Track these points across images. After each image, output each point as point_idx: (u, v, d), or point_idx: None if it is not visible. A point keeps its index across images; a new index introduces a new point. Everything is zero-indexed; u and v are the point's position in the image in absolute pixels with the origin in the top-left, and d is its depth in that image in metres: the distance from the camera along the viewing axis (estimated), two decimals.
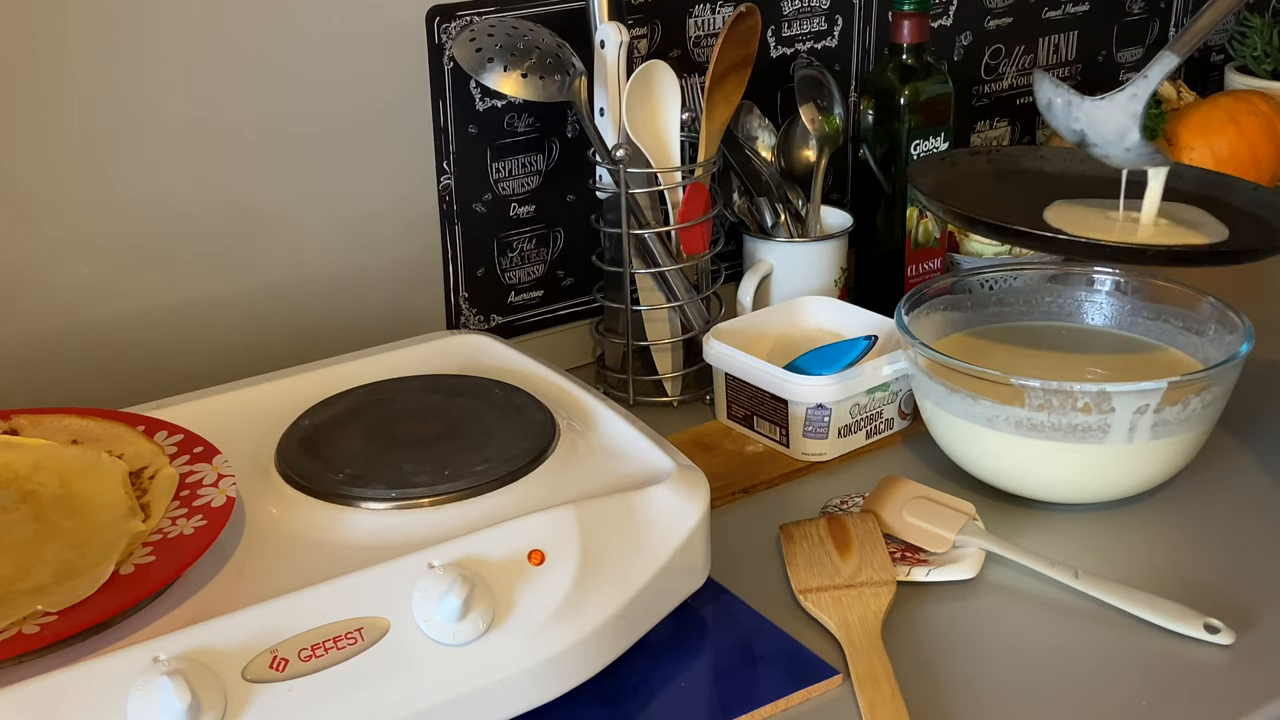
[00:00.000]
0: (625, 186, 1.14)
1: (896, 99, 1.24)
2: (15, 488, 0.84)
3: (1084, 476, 1.01)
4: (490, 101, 1.17)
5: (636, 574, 0.82)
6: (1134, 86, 1.08)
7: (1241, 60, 1.64)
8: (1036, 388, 0.97)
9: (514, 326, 1.24)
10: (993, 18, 1.47)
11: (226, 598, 0.76)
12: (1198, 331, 1.10)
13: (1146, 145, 1.09)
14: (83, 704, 0.69)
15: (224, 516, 0.79)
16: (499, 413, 0.93)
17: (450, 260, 1.19)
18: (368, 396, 0.96)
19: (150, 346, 1.08)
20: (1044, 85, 1.12)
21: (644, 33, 1.23)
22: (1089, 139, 1.11)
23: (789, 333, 1.21)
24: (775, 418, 1.10)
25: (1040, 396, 0.98)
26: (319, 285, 1.14)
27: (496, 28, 1.10)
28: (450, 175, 1.17)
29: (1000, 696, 0.84)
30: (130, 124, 1.03)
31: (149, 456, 0.85)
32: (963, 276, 1.16)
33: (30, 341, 1.03)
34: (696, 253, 1.19)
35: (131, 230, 1.05)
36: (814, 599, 0.91)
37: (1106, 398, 0.96)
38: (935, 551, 0.96)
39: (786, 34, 1.32)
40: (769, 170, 1.26)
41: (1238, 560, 0.97)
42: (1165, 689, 0.85)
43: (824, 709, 0.83)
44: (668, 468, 0.88)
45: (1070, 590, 0.93)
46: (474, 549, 0.79)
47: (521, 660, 0.77)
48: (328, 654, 0.74)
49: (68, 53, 0.99)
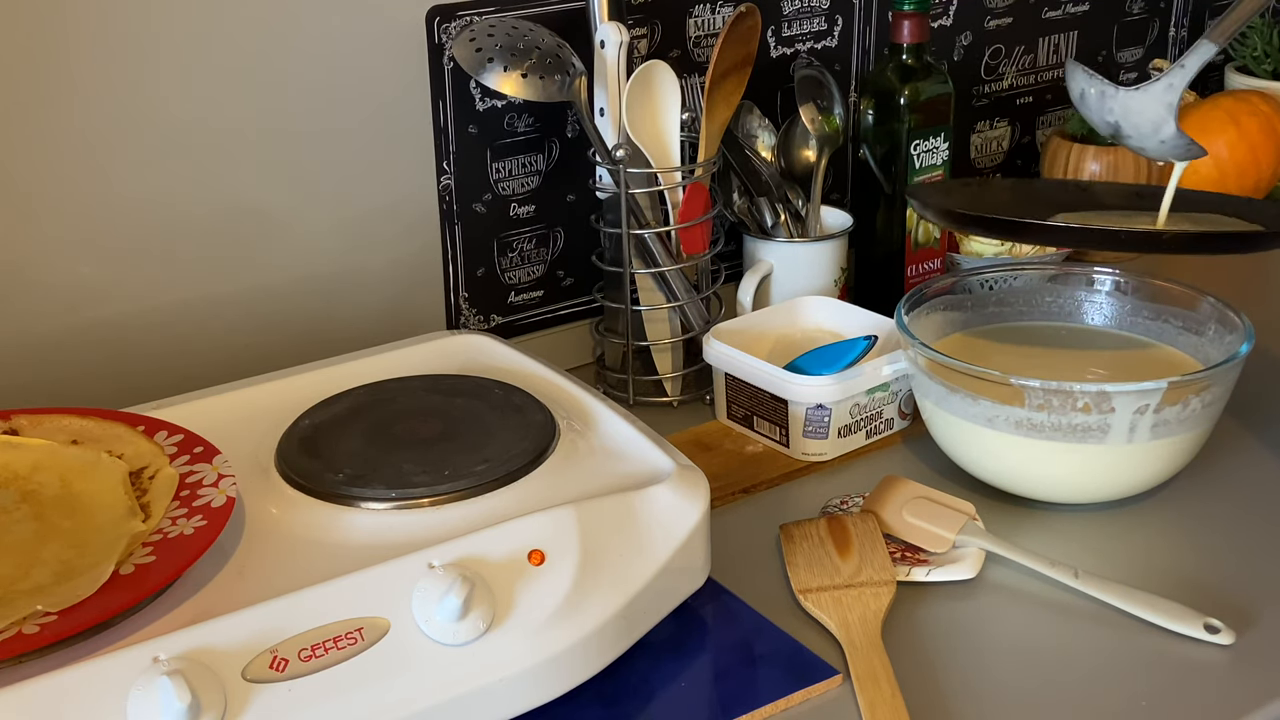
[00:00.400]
0: (625, 186, 1.13)
1: (896, 99, 1.24)
2: (15, 488, 0.84)
3: (1084, 476, 1.01)
4: (490, 101, 1.17)
5: (636, 574, 0.82)
6: (1170, 76, 1.06)
7: (1241, 60, 1.64)
8: (1036, 388, 0.97)
9: (514, 326, 1.24)
10: (993, 18, 1.47)
11: (226, 598, 0.76)
12: (1198, 331, 1.10)
13: (1182, 136, 1.07)
14: (83, 704, 0.69)
15: (224, 516, 0.79)
16: (499, 413, 0.93)
17: (450, 260, 1.19)
18: (368, 396, 0.96)
19: (150, 346, 1.08)
20: (1077, 75, 1.10)
21: (644, 33, 1.23)
22: (1123, 130, 1.09)
23: (789, 333, 1.21)
24: (775, 418, 1.10)
25: (1040, 396, 0.98)
26: (319, 285, 1.14)
27: (496, 28, 1.10)
28: (450, 175, 1.17)
29: (1000, 696, 0.84)
30: (130, 124, 1.03)
31: (149, 456, 0.85)
32: (963, 276, 1.16)
33: (30, 341, 1.03)
34: (696, 253, 1.19)
35: (132, 230, 1.05)
36: (814, 599, 0.91)
37: (1106, 398, 0.96)
38: (935, 551, 0.96)
39: (786, 34, 1.32)
40: (769, 170, 1.26)
41: (1238, 560, 0.97)
42: (1165, 689, 0.85)
43: (824, 709, 0.83)
44: (668, 468, 0.88)
45: (1070, 590, 0.93)
46: (474, 549, 0.79)
47: (521, 660, 0.77)
48: (328, 654, 0.74)
49: (67, 53, 0.99)
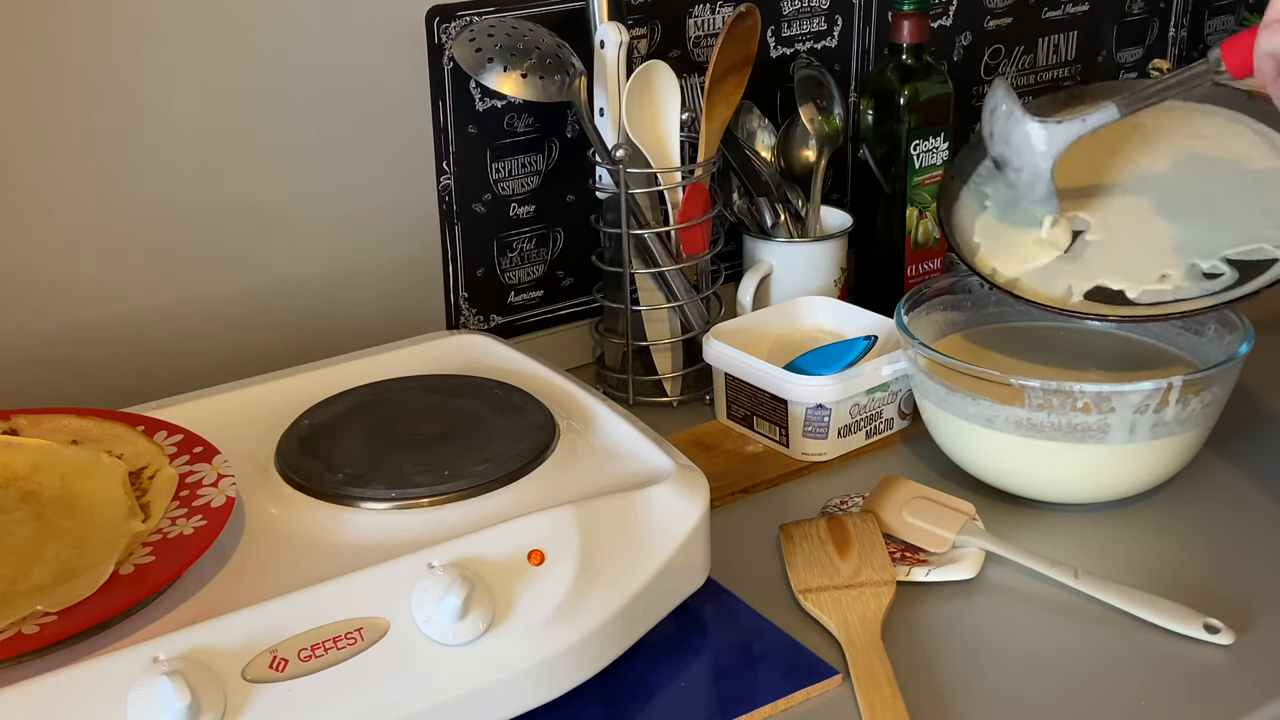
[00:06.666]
0: (625, 186, 1.13)
1: (896, 99, 1.24)
2: (15, 488, 0.84)
3: (1084, 476, 1.01)
4: (490, 101, 1.17)
5: (636, 574, 0.82)
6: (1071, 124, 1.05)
7: None
8: (1036, 388, 0.97)
9: (514, 326, 1.24)
10: (993, 18, 1.47)
11: (226, 598, 0.76)
12: (1197, 331, 1.10)
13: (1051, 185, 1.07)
14: (82, 704, 0.69)
15: (224, 516, 0.79)
16: (499, 413, 0.93)
17: (450, 260, 1.19)
18: (368, 396, 0.96)
19: (150, 346, 1.08)
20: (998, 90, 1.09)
21: (644, 33, 1.23)
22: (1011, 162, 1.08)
23: (789, 333, 1.21)
24: (775, 418, 1.10)
25: (1040, 396, 0.98)
26: (319, 285, 1.14)
27: (496, 28, 1.10)
28: (450, 175, 1.17)
29: (1000, 696, 0.84)
30: (131, 124, 1.03)
31: (149, 456, 0.85)
32: (962, 276, 1.15)
33: (30, 341, 1.03)
34: (696, 253, 1.19)
35: (132, 230, 1.05)
36: (814, 599, 0.91)
37: (1106, 398, 0.96)
38: (935, 551, 0.96)
39: (786, 34, 1.32)
40: (769, 170, 1.26)
41: (1238, 560, 0.97)
42: (1165, 689, 0.85)
43: (824, 709, 0.83)
44: (668, 468, 0.88)
45: (1070, 590, 0.93)
46: (474, 549, 0.79)
47: (521, 660, 0.77)
48: (327, 654, 0.74)
49: (67, 53, 0.99)
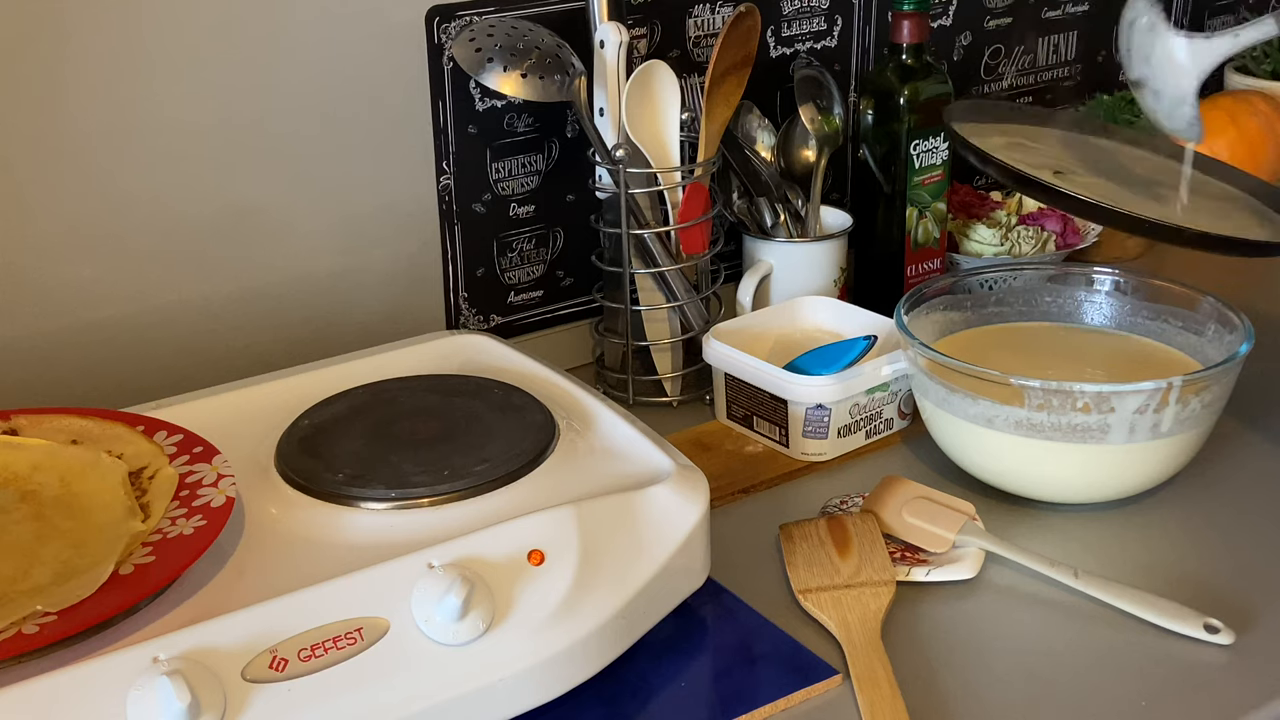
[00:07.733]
0: (625, 186, 1.13)
1: (896, 99, 1.24)
2: (15, 488, 0.84)
3: (1084, 476, 1.01)
4: (490, 101, 1.17)
5: (636, 574, 0.82)
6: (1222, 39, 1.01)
7: (1241, 60, 1.64)
8: (1036, 388, 0.97)
9: (514, 326, 1.24)
10: (993, 18, 1.47)
11: (226, 598, 0.76)
12: (1197, 331, 1.10)
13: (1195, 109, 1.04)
14: (82, 704, 0.69)
15: (224, 516, 0.79)
16: (499, 413, 0.93)
17: (450, 260, 1.19)
18: (368, 396, 0.96)
19: (150, 346, 1.08)
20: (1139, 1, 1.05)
21: (644, 33, 1.23)
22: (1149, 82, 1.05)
23: (789, 333, 1.21)
24: (775, 418, 1.10)
25: (1040, 396, 0.98)
26: (319, 285, 1.14)
27: (496, 28, 1.10)
28: (450, 175, 1.17)
29: (1000, 696, 0.84)
30: (130, 124, 1.03)
31: (149, 456, 0.85)
32: (962, 276, 1.16)
33: (30, 342, 1.03)
34: (696, 253, 1.19)
35: (131, 230, 1.05)
36: (814, 599, 0.91)
37: (1106, 398, 0.96)
38: (935, 551, 0.96)
39: (786, 34, 1.32)
40: (769, 170, 1.26)
41: (1238, 560, 0.97)
42: (1165, 689, 0.85)
43: (824, 709, 0.83)
44: (667, 468, 0.88)
45: (1070, 590, 0.93)
46: (474, 549, 0.79)
47: (521, 660, 0.77)
48: (327, 654, 0.74)
49: (67, 53, 0.99)
